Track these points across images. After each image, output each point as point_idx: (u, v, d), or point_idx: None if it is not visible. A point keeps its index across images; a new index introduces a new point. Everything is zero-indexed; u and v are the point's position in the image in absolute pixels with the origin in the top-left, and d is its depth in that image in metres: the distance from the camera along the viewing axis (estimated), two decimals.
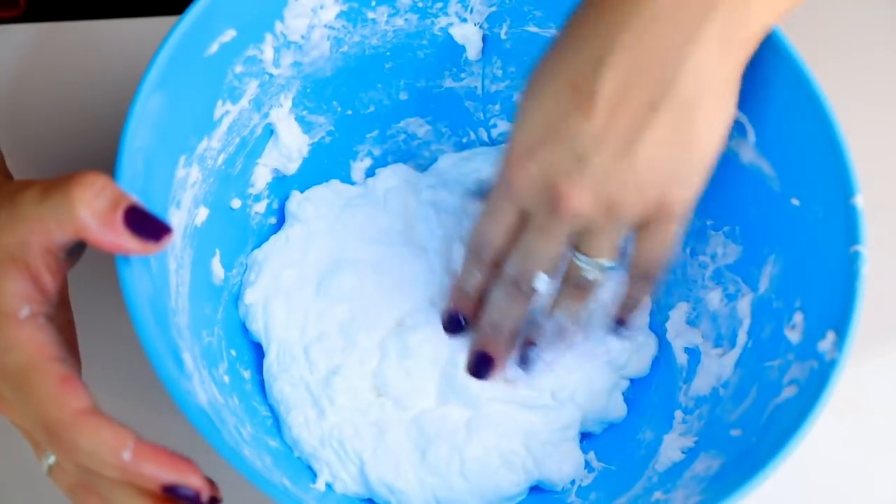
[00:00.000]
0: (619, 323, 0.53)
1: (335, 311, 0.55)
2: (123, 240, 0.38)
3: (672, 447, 0.51)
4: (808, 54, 0.47)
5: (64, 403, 0.37)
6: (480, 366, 0.53)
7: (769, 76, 0.48)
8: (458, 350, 0.53)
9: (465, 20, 0.54)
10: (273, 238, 0.57)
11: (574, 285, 0.50)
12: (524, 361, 0.53)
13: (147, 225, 0.39)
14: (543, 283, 0.49)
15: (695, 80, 0.42)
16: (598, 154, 0.43)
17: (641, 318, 0.56)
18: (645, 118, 0.43)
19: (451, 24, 0.54)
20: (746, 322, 0.51)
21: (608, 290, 0.52)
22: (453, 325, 0.54)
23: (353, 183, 0.60)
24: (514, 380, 0.54)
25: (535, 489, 0.54)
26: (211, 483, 0.40)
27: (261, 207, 0.57)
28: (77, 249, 0.40)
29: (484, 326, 0.52)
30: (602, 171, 0.44)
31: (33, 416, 0.38)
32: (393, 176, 0.59)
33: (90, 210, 0.38)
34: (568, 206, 0.44)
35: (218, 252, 0.53)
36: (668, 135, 0.43)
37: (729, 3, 0.42)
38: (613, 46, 0.42)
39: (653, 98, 0.42)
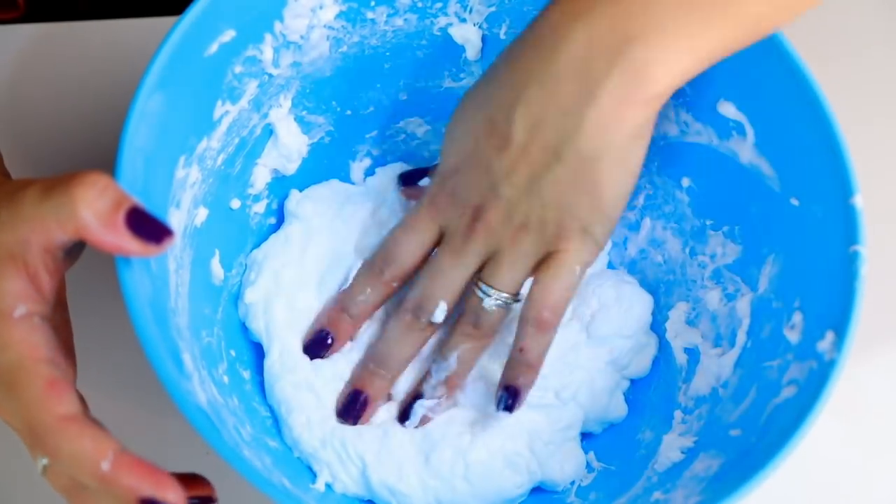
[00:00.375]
0: (509, 391, 0.50)
1: None
2: (124, 241, 0.38)
3: (671, 447, 0.51)
4: (807, 54, 0.47)
5: (49, 408, 0.37)
6: (353, 407, 0.52)
7: (769, 76, 0.48)
8: None
9: (464, 20, 0.54)
10: (272, 237, 0.56)
11: (471, 323, 0.51)
12: (405, 415, 0.52)
13: (148, 227, 0.39)
14: (443, 314, 0.50)
15: (595, 134, 0.45)
16: (508, 186, 0.47)
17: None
18: (548, 163, 0.46)
19: (450, 25, 0.54)
20: (746, 322, 0.51)
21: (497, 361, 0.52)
22: (318, 346, 0.53)
23: (352, 183, 0.60)
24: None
25: (535, 489, 0.54)
26: (202, 484, 0.40)
27: (260, 207, 0.57)
28: (75, 249, 0.40)
29: (367, 360, 0.52)
30: (510, 199, 0.47)
31: (20, 417, 0.38)
32: (393, 175, 0.59)
33: (92, 210, 0.38)
34: (482, 221, 0.48)
35: (217, 252, 0.53)
36: (570, 181, 0.46)
37: (627, 65, 0.43)
38: (525, 93, 0.46)
39: (556, 146, 0.45)
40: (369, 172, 0.60)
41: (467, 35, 0.55)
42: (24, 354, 0.38)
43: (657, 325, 0.57)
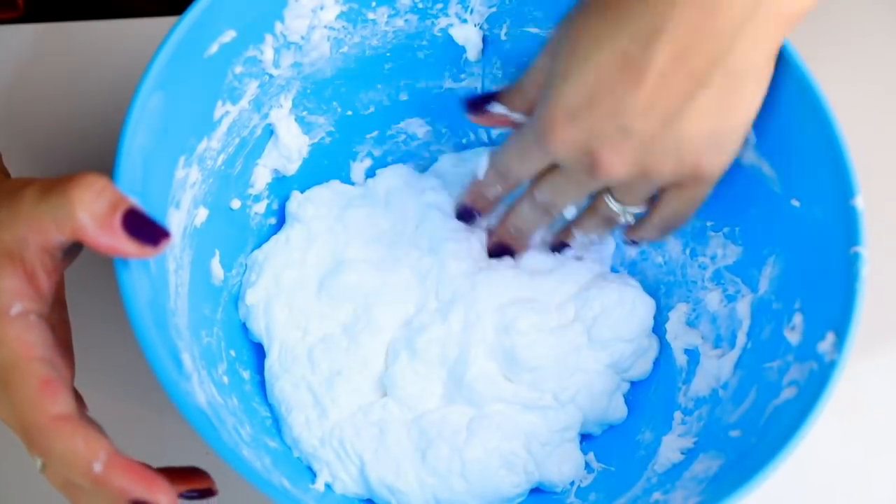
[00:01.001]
0: (634, 242, 0.56)
1: (338, 311, 0.55)
2: (121, 243, 0.38)
3: (671, 448, 0.51)
4: (808, 55, 0.47)
5: (42, 408, 0.37)
6: (499, 254, 0.57)
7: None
8: (468, 349, 0.53)
9: (465, 21, 0.54)
10: (273, 238, 0.57)
11: (602, 216, 0.53)
12: (554, 250, 0.57)
13: (145, 229, 0.39)
14: (572, 213, 0.54)
15: (745, 56, 0.43)
16: (643, 126, 0.44)
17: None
18: (692, 91, 0.44)
19: (451, 25, 0.54)
20: (746, 323, 0.51)
21: None
22: (467, 216, 0.57)
23: (353, 183, 0.60)
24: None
25: (535, 490, 0.54)
26: (202, 477, 0.40)
27: (260, 208, 0.57)
28: (74, 248, 0.40)
29: (507, 227, 0.56)
30: (644, 142, 0.45)
31: (14, 416, 0.38)
32: (393, 176, 0.59)
33: (89, 212, 0.38)
34: (605, 171, 0.46)
35: (217, 253, 0.53)
36: (713, 107, 0.44)
37: None
38: (670, 18, 0.42)
39: (702, 72, 0.43)
40: (370, 173, 0.60)
41: (468, 35, 0.55)
42: (18, 353, 0.38)
43: (657, 326, 0.57)
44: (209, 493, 0.41)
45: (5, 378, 0.38)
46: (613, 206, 0.52)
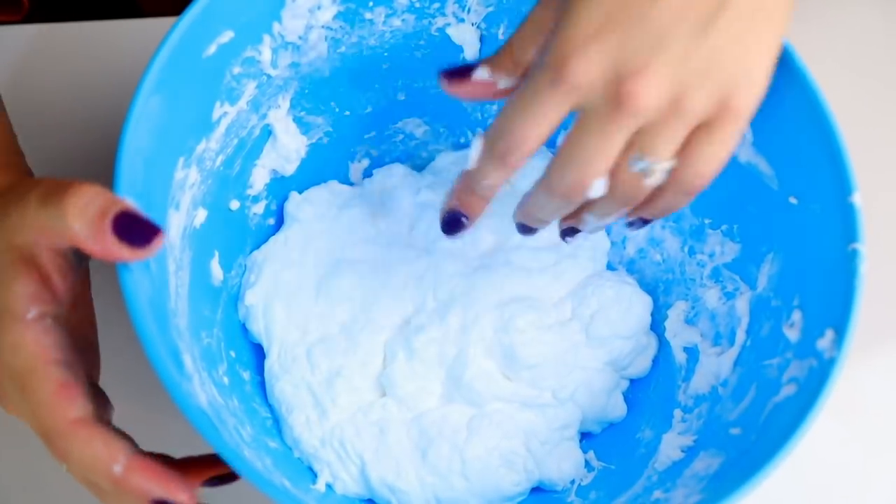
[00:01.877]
0: (642, 221, 0.48)
1: (336, 311, 0.55)
2: (114, 248, 0.38)
3: (672, 446, 0.51)
4: (806, 53, 0.47)
5: (59, 412, 0.38)
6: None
7: None
8: (466, 348, 0.53)
9: (462, 20, 0.54)
10: (272, 239, 0.57)
11: (621, 196, 0.44)
12: (565, 236, 0.50)
13: (136, 228, 0.38)
14: (600, 191, 0.44)
15: None
16: (678, 31, 0.40)
17: None
18: (722, 3, 0.40)
19: (448, 25, 0.55)
20: (745, 320, 0.51)
21: None
22: (454, 225, 0.48)
23: (351, 183, 0.60)
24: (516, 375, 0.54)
25: (536, 489, 0.54)
26: (221, 464, 0.40)
27: (259, 208, 0.57)
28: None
29: (525, 216, 0.48)
30: (680, 52, 0.40)
31: (33, 419, 0.38)
32: (390, 176, 0.59)
33: (81, 220, 0.38)
34: (636, 99, 0.40)
35: (217, 253, 0.53)
36: (743, 22, 0.40)
37: None
38: None
39: None
40: (368, 173, 0.60)
41: (465, 35, 0.55)
42: (35, 356, 0.38)
43: (656, 324, 0.57)
44: (230, 477, 0.42)
45: (23, 383, 0.38)
46: (639, 164, 0.43)
